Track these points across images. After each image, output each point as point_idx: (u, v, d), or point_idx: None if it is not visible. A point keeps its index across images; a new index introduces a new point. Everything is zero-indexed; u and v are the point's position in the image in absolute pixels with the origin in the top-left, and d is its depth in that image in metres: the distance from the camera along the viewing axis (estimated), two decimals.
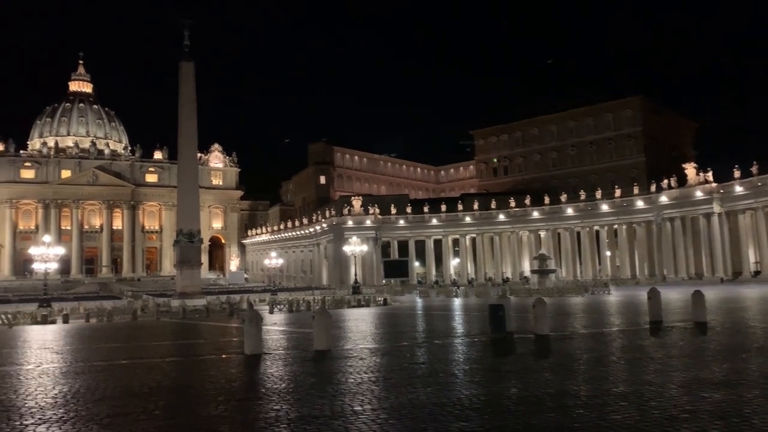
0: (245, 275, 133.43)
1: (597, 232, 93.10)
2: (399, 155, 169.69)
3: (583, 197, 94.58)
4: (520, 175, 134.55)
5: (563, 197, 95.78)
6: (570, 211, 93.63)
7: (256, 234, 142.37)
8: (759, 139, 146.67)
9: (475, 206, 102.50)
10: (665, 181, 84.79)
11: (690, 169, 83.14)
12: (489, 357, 19.94)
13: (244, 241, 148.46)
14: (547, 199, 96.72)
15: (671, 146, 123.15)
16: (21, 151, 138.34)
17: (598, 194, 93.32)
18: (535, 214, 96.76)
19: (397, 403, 12.45)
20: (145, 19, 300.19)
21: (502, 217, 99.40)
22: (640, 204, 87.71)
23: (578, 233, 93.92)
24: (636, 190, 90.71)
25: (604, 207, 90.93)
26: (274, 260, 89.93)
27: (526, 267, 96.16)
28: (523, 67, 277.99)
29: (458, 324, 33.44)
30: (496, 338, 23.49)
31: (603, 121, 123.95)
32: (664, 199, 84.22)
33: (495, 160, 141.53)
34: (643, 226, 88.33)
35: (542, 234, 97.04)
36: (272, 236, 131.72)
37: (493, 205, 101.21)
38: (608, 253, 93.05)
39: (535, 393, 13.22)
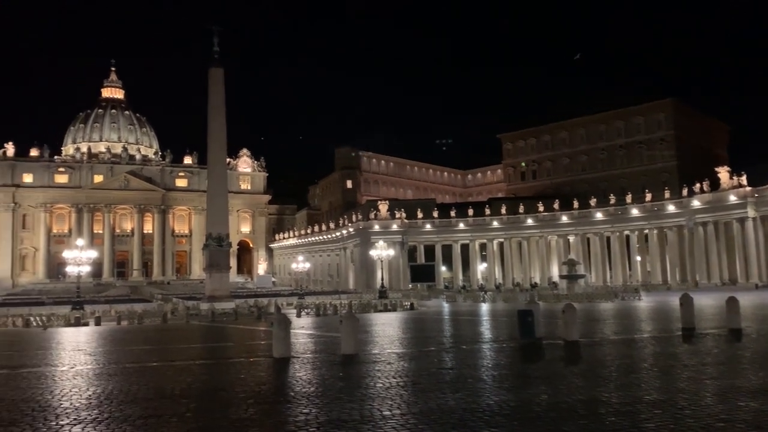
0: (273, 279, 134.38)
1: (627, 236, 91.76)
2: (426, 159, 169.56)
3: (613, 201, 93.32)
4: (549, 179, 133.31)
5: (593, 201, 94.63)
6: (600, 215, 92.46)
7: (284, 238, 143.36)
8: None
9: (503, 210, 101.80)
10: (698, 185, 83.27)
11: (723, 173, 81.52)
12: (518, 363, 19.77)
13: (271, 245, 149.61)
14: (576, 204, 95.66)
15: (704, 149, 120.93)
16: (55, 157, 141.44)
17: (629, 198, 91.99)
18: (564, 219, 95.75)
19: (426, 408, 12.41)
20: (175, 26, 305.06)
21: (530, 221, 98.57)
22: (671, 208, 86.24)
23: (608, 238, 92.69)
24: (667, 194, 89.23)
25: (635, 211, 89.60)
26: (301, 264, 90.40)
27: (555, 272, 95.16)
28: (551, 70, 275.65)
29: (486, 329, 33.22)
30: (525, 344, 23.28)
31: (633, 124, 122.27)
32: (696, 203, 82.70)
33: (523, 163, 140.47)
34: (674, 231, 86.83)
35: (571, 239, 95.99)
36: (299, 240, 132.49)
37: (521, 209, 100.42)
38: (639, 258, 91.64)
39: (566, 400, 13.07)
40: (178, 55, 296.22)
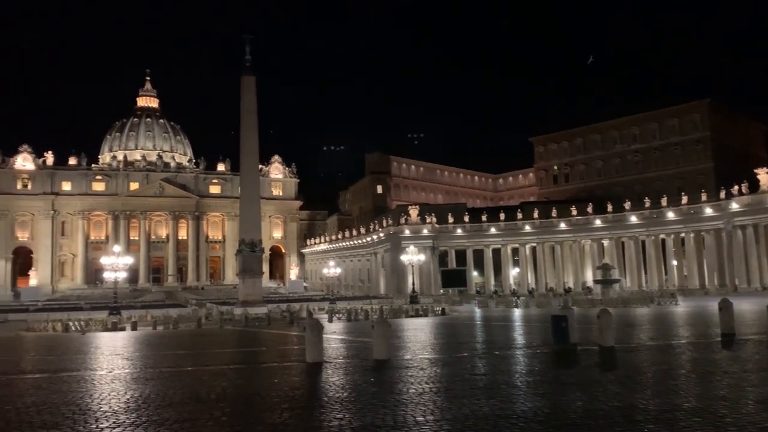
0: (304, 284, 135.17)
1: (663, 240, 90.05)
2: (456, 163, 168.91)
3: (648, 205, 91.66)
4: (582, 183, 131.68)
5: (627, 205, 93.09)
6: (634, 219, 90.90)
7: (315, 243, 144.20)
8: None
9: (535, 215, 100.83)
10: (735, 187, 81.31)
11: (762, 175, 79.47)
12: (552, 369, 19.55)
13: (303, 251, 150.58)
14: (610, 207, 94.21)
15: (741, 150, 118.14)
16: (92, 165, 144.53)
17: (664, 201, 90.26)
18: (598, 223, 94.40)
19: (460, 414, 12.36)
20: (208, 34, 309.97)
21: (563, 225, 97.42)
22: (708, 211, 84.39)
23: (643, 242, 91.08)
24: (704, 197, 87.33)
25: (671, 214, 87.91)
26: (332, 269, 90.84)
27: (589, 277, 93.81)
28: (581, 73, 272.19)
29: (519, 335, 32.93)
30: (559, 350, 23.02)
31: (668, 126, 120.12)
32: (734, 205, 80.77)
33: (555, 167, 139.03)
34: (712, 234, 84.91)
35: (605, 243, 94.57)
36: (330, 245, 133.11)
37: (554, 213, 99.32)
38: (675, 263, 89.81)
39: (602, 406, 12.89)
40: (211, 62, 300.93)
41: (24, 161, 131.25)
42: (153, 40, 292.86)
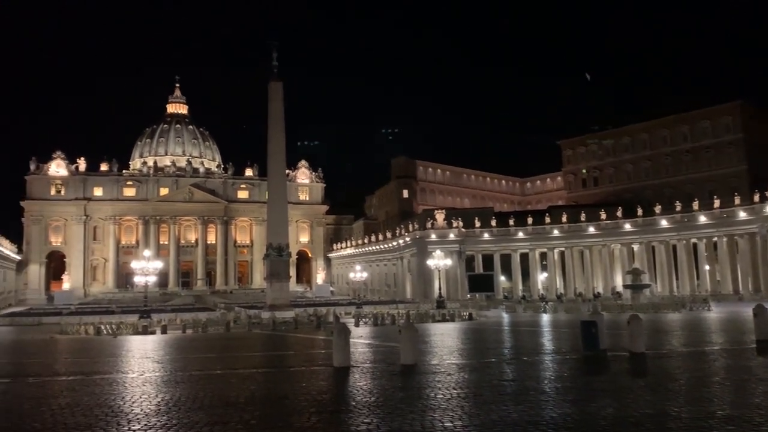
0: (331, 288, 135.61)
1: (694, 244, 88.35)
2: (483, 167, 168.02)
3: (679, 208, 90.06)
4: (611, 186, 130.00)
5: (657, 208, 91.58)
6: (665, 223, 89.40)
7: (341, 248, 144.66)
8: None
9: (564, 219, 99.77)
10: None
11: None
12: (582, 375, 19.33)
13: (329, 255, 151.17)
14: (640, 211, 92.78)
15: None
16: (123, 171, 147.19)
17: (695, 205, 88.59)
18: (628, 227, 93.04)
19: (488, 420, 12.29)
20: (235, 40, 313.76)
21: (592, 229, 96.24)
22: (742, 215, 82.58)
23: (674, 246, 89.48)
24: (737, 200, 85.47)
25: (702, 218, 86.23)
26: (358, 274, 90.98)
27: (619, 282, 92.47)
28: (609, 76, 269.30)
29: (547, 340, 32.62)
30: (588, 356, 22.75)
31: (700, 128, 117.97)
32: None
33: (584, 170, 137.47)
34: (746, 239, 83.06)
35: (635, 247, 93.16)
36: (356, 250, 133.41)
37: (583, 217, 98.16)
38: (707, 267, 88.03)
39: (633, 413, 12.70)
40: (238, 68, 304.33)
41: (57, 167, 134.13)
42: (181, 46, 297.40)
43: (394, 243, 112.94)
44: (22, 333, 51.52)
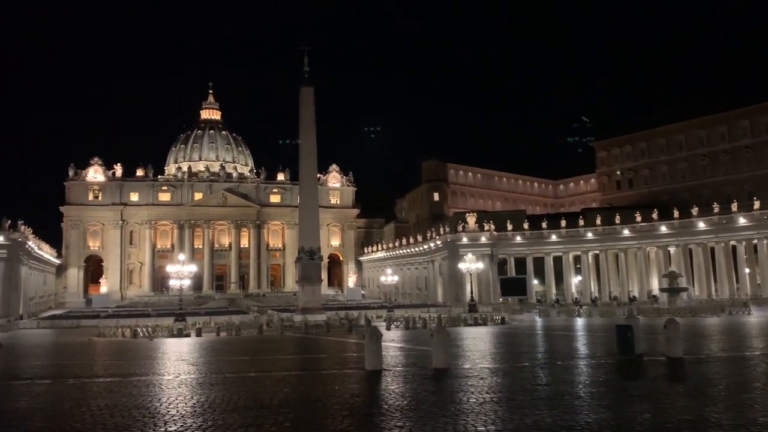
0: (362, 291, 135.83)
1: (734, 247, 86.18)
2: (515, 170, 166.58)
3: (717, 210, 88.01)
4: (646, 188, 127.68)
5: (694, 210, 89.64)
6: (702, 225, 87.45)
7: (372, 251, 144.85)
8: None
9: (598, 221, 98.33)
10: None
11: None
12: (617, 380, 19.03)
13: (360, 258, 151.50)
14: (676, 213, 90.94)
15: None
16: (158, 176, 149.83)
17: (734, 207, 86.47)
18: (664, 229, 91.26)
19: (522, 424, 12.18)
20: (267, 46, 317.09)
21: (627, 232, 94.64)
22: None
23: (712, 249, 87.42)
24: None
25: (742, 220, 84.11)
26: (389, 277, 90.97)
27: (655, 285, 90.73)
28: (643, 77, 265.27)
29: (582, 345, 32.19)
30: (624, 360, 22.38)
31: (738, 128, 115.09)
32: None
33: (618, 172, 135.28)
34: None
35: (672, 250, 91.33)
36: (387, 253, 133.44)
37: (617, 219, 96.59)
38: (747, 270, 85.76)
39: (670, 419, 12.46)
40: (270, 73, 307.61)
41: (95, 173, 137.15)
42: (214, 50, 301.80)
43: (425, 246, 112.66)
44: (62, 335, 52.83)
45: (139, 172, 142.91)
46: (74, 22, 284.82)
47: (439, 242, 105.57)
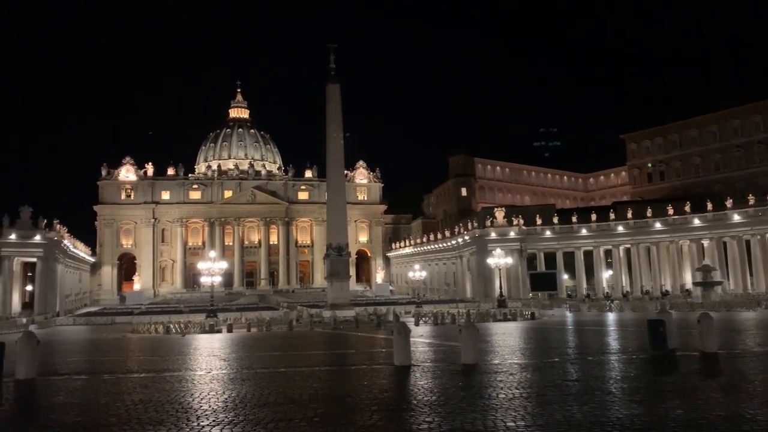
0: (390, 287, 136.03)
1: None
2: (543, 163, 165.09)
3: (752, 202, 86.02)
4: (678, 180, 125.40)
5: (729, 202, 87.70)
6: (737, 217, 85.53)
7: (400, 247, 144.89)
8: None
9: (629, 215, 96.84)
10: None
11: None
12: (649, 375, 18.77)
13: (388, 254, 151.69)
14: (710, 205, 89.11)
15: None
16: (189, 175, 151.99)
17: None
18: (697, 222, 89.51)
19: (552, 420, 12.11)
20: (292, 43, 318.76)
21: (658, 225, 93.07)
22: None
23: (747, 241, 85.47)
24: None
25: None
26: (417, 273, 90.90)
27: (688, 279, 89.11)
28: (673, 67, 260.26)
29: (613, 340, 31.80)
30: (656, 355, 22.06)
31: None
32: None
33: (650, 165, 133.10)
34: None
35: (705, 243, 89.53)
36: (415, 249, 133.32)
37: (649, 212, 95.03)
38: None
39: (704, 415, 12.26)
40: (297, 70, 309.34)
41: (127, 173, 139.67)
42: (242, 49, 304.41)
43: (453, 242, 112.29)
44: (97, 332, 53.97)
45: (170, 171, 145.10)
46: (107, 23, 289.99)
47: (467, 237, 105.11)
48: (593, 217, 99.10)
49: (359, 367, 22.99)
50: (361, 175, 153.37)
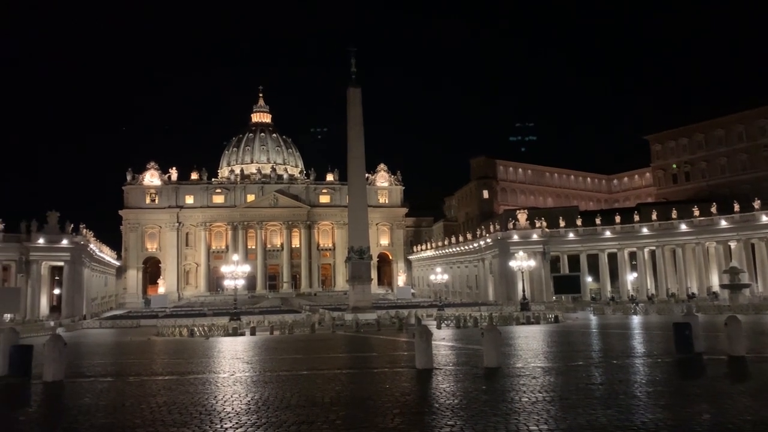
0: (412, 290, 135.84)
1: None
2: (566, 165, 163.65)
3: None
4: (704, 181, 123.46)
5: (756, 203, 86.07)
6: (765, 218, 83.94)
7: (421, 250, 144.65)
8: None
9: (654, 216, 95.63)
10: None
11: None
12: (675, 379, 18.50)
13: (409, 257, 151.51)
14: (737, 206, 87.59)
15: None
16: (212, 179, 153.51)
17: None
18: (723, 223, 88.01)
19: (575, 424, 11.99)
20: (314, 48, 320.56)
21: (684, 227, 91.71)
22: None
23: None
24: None
25: None
26: (439, 276, 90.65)
27: (715, 281, 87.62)
28: (698, 65, 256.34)
29: (638, 343, 31.41)
30: (682, 359, 21.73)
31: None
32: None
33: (674, 165, 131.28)
34: None
35: (732, 245, 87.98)
36: (437, 252, 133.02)
37: (674, 214, 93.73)
38: None
39: (732, 420, 12.05)
40: (317, 77, 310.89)
41: (151, 177, 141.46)
42: (263, 54, 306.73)
43: (475, 244, 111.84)
44: (123, 335, 54.71)
45: (194, 176, 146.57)
46: (131, 30, 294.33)
47: (489, 240, 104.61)
48: (617, 218, 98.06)
49: (381, 370, 22.98)
50: (382, 178, 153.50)
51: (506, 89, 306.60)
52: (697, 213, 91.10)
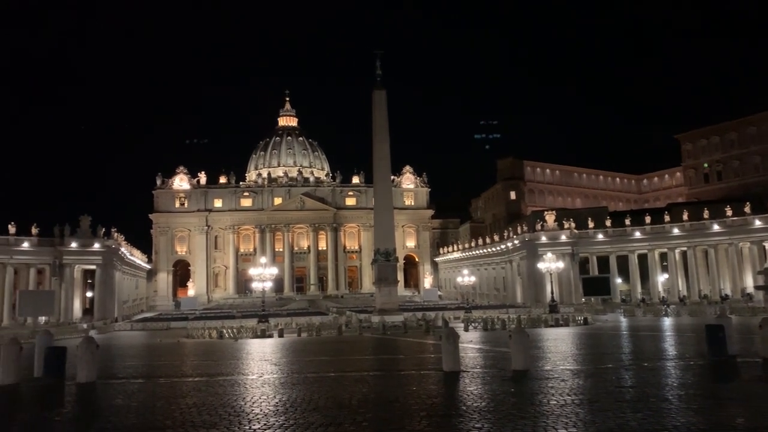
0: (439, 292, 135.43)
1: None
2: (595, 165, 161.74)
3: None
4: (737, 181, 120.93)
5: None
6: None
7: (448, 252, 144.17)
8: None
9: (685, 216, 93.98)
10: None
11: None
12: (707, 382, 18.16)
13: (436, 259, 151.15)
14: None
15: None
16: (240, 183, 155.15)
17: None
18: (758, 223, 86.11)
19: (605, 427, 11.85)
20: (339, 51, 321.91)
21: (716, 227, 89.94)
22: None
23: None
24: None
25: None
26: (466, 278, 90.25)
27: (749, 282, 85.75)
28: (728, 63, 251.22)
29: (669, 346, 30.90)
30: (715, 362, 21.32)
31: None
32: None
33: (706, 165, 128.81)
34: None
35: (767, 245, 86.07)
36: (463, 254, 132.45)
37: (706, 214, 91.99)
38: None
39: (766, 424, 11.78)
40: (343, 79, 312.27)
41: (181, 182, 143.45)
42: (290, 58, 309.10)
43: (503, 246, 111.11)
44: (153, 337, 55.54)
45: (222, 179, 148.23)
46: (159, 37, 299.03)
47: (517, 242, 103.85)
48: (647, 219, 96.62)
49: (408, 373, 22.97)
50: (408, 180, 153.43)
51: (533, 89, 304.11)
52: (729, 213, 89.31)
